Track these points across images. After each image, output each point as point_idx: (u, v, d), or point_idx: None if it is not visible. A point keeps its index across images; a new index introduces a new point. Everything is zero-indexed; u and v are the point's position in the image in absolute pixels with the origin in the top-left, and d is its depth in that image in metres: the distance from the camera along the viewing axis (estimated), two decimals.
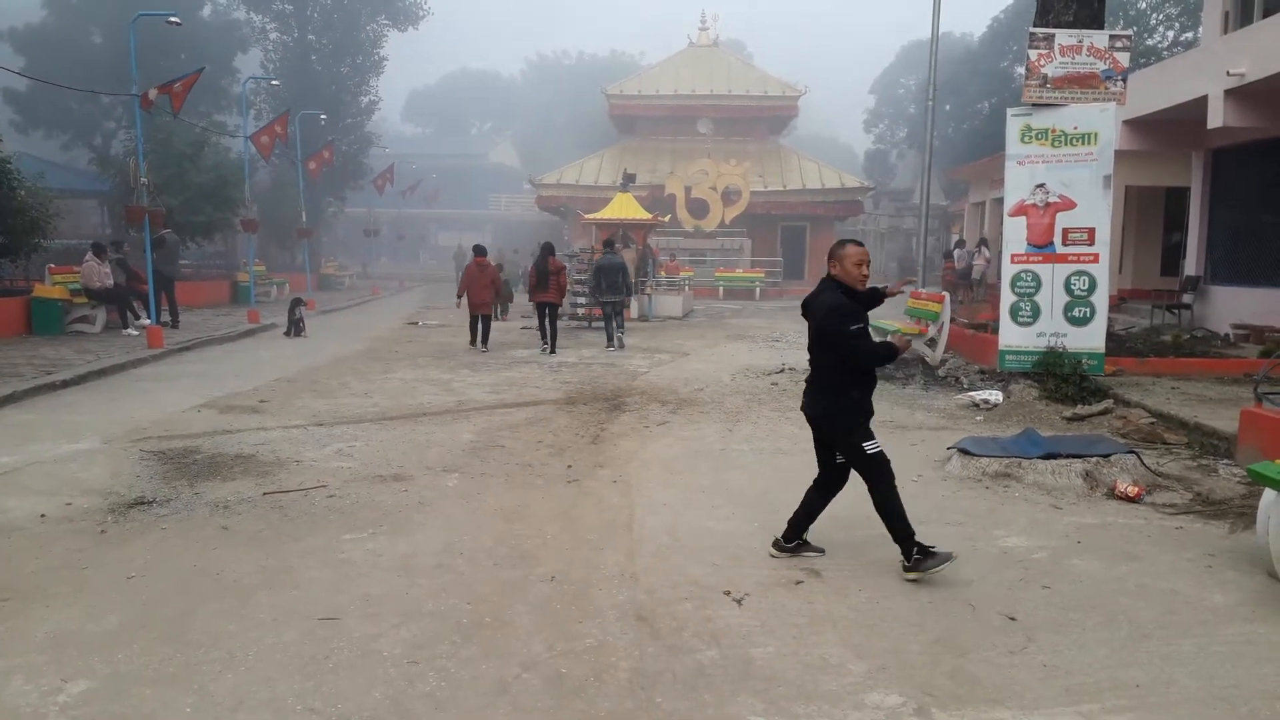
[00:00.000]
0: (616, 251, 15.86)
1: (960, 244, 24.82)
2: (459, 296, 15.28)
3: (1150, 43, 34.58)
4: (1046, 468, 6.21)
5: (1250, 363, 10.65)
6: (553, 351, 14.12)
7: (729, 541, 5.04)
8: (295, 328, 16.49)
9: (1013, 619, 4.01)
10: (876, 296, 4.88)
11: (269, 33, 35.44)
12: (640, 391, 10.17)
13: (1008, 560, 4.77)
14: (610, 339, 14.84)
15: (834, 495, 4.83)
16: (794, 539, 4.82)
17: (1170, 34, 35.83)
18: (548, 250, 14.81)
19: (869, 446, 4.50)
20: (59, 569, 4.55)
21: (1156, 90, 14.17)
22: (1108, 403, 8.66)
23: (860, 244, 4.75)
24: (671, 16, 60.99)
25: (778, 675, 3.49)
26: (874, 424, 4.65)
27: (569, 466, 6.74)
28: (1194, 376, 10.38)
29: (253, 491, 5.95)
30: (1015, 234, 9.95)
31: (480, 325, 14.67)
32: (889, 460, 4.53)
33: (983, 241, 23.36)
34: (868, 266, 4.64)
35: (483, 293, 14.52)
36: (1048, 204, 9.74)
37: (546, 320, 14.35)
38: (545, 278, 14.38)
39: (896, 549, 4.94)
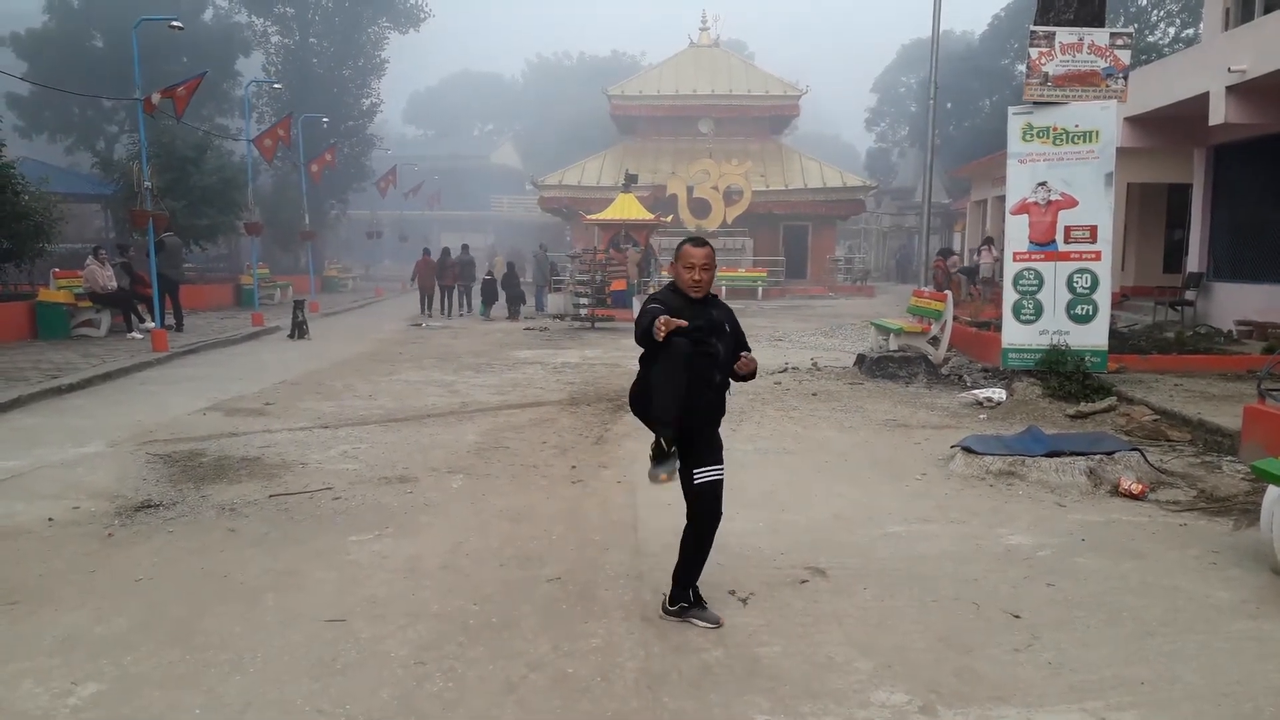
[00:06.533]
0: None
1: (989, 241, 22.97)
2: (411, 280, 23.81)
3: (1151, 39, 34.55)
4: (1050, 465, 6.22)
5: (1254, 359, 10.64)
6: (448, 317, 21.93)
7: (733, 541, 5.04)
8: (299, 330, 16.53)
9: (1017, 617, 4.02)
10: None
11: (270, 36, 35.56)
12: None
13: (1012, 558, 4.78)
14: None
15: (704, 529, 3.97)
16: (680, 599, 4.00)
17: (1171, 31, 35.83)
18: (446, 252, 23.17)
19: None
20: (67, 572, 4.58)
21: (1158, 87, 14.16)
22: (1111, 400, 8.66)
23: (702, 243, 3.87)
24: (672, 17, 61.09)
25: (784, 674, 3.50)
26: (878, 423, 4.65)
27: (573, 467, 6.76)
28: (1197, 373, 10.37)
29: (259, 494, 5.97)
30: (1017, 232, 9.95)
31: (427, 302, 22.70)
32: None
33: (989, 240, 23.19)
34: (701, 271, 3.79)
35: (428, 280, 22.81)
36: (1050, 202, 9.74)
37: (445, 298, 22.98)
38: (445, 270, 22.87)
39: (900, 549, 4.96)
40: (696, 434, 3.87)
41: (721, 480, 3.94)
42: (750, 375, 3.90)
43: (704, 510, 3.92)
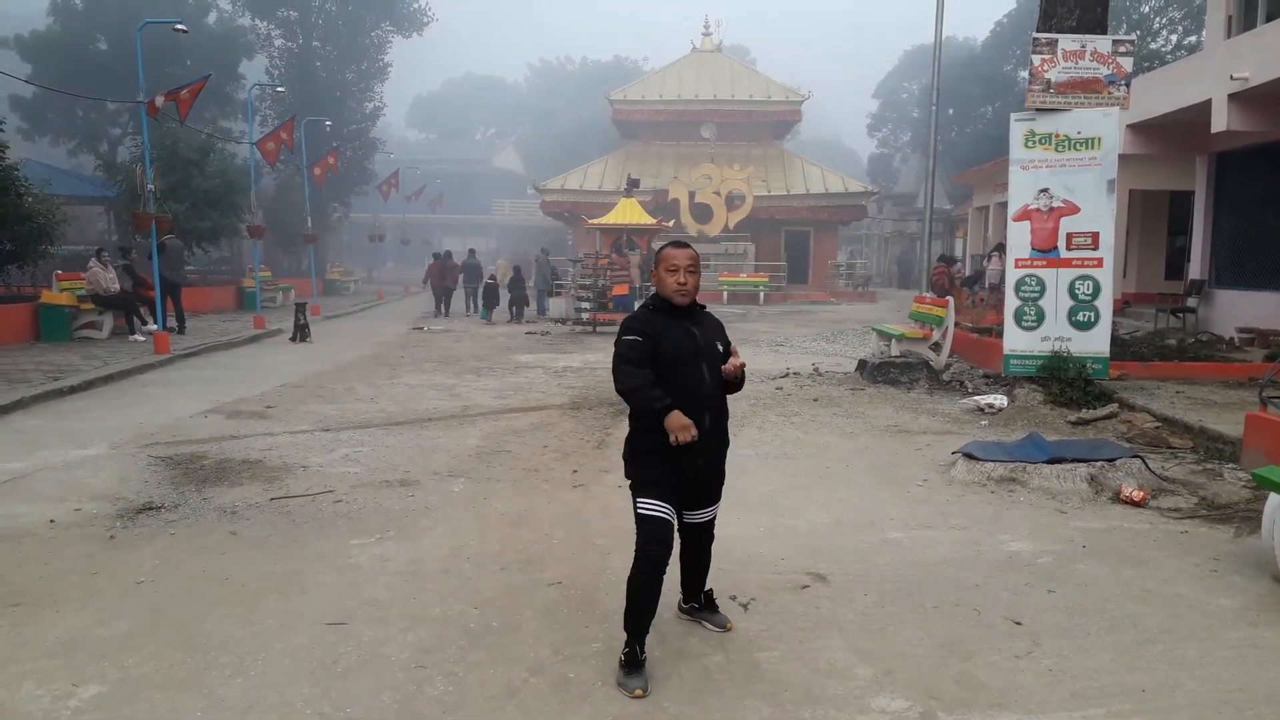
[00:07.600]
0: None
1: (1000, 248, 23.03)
2: (424, 281, 26.81)
3: (1154, 47, 34.61)
4: (1051, 472, 6.22)
5: (1255, 366, 10.64)
6: (446, 315, 23.53)
7: (734, 546, 5.04)
8: (300, 333, 16.55)
9: (1018, 623, 4.02)
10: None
11: (274, 39, 35.68)
12: None
13: (1013, 564, 4.78)
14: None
15: (695, 551, 3.91)
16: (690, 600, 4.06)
17: (1174, 38, 35.87)
18: (448, 255, 25.07)
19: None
20: (69, 574, 4.58)
21: (1160, 94, 14.18)
22: (1112, 407, 8.66)
23: (683, 245, 3.63)
24: (675, 22, 61.26)
25: (784, 679, 3.51)
26: (879, 428, 4.65)
27: (575, 471, 6.76)
28: (1199, 380, 10.37)
29: (260, 497, 5.98)
30: (1019, 238, 9.95)
31: (441, 300, 24.33)
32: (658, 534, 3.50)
33: (1000, 246, 23.10)
34: (687, 274, 3.52)
35: (437, 280, 24.47)
36: (1051, 208, 9.74)
37: (446, 299, 24.27)
38: (447, 272, 24.45)
39: (901, 555, 4.96)
40: (698, 489, 3.68)
41: (715, 517, 3.86)
42: (737, 383, 3.60)
43: (694, 534, 3.85)
